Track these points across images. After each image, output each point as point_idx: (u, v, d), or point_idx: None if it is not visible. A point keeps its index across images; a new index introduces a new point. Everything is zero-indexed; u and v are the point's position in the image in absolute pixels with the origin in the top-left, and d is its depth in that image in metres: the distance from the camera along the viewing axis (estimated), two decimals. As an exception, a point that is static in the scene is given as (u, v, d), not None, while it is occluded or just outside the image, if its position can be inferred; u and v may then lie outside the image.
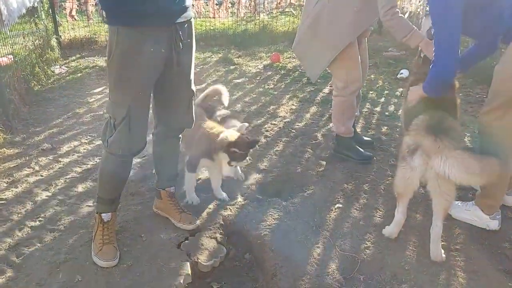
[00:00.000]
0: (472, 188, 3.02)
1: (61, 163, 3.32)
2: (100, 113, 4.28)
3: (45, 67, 5.41)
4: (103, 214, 2.35)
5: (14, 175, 3.11)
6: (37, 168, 3.24)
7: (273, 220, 2.70)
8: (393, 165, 3.33)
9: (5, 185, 2.99)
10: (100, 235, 2.32)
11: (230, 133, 2.63)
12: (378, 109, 4.52)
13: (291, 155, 3.50)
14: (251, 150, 2.68)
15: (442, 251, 2.40)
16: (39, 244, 2.43)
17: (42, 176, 3.13)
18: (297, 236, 2.57)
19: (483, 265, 2.37)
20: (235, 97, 4.81)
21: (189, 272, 2.26)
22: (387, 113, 4.40)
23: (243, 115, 4.21)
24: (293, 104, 4.63)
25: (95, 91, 4.96)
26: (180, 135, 2.56)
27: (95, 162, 3.33)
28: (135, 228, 2.58)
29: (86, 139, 3.74)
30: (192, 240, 2.50)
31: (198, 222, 2.61)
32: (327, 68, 3.28)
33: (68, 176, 3.13)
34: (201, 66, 5.85)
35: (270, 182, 3.16)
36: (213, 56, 6.38)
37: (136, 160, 3.37)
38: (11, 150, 3.48)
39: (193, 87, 2.38)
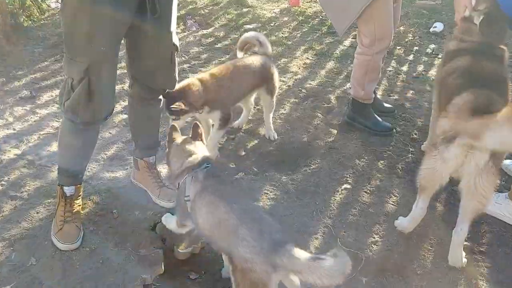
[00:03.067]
0: (506, 175, 2.57)
1: (38, 115, 2.96)
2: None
3: (40, 0, 4.91)
4: (65, 187, 2.01)
5: (-17, 127, 2.78)
6: (10, 119, 2.89)
7: (267, 200, 2.33)
8: (416, 139, 2.88)
9: (-29, 138, 2.67)
10: (62, 211, 1.99)
11: None
12: (404, 68, 3.97)
13: (298, 120, 3.07)
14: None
15: (463, 254, 2.02)
16: (-4, 214, 2.13)
17: (14, 130, 2.78)
18: (294, 222, 2.20)
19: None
20: (243, 45, 4.29)
21: (161, 261, 1.94)
22: (414, 74, 3.85)
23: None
24: (307, 58, 4.10)
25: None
26: (161, 97, 2.15)
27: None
28: (107, 201, 2.24)
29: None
30: (170, 221, 2.15)
31: (179, 199, 2.25)
32: None
33: (43, 132, 2.77)
34: (210, 7, 5.27)
35: (270, 151, 2.75)
36: (225, -4, 5.75)
37: (122, 116, 2.99)
38: (-14, 97, 3.13)
39: (175, 40, 1.93)
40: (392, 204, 2.36)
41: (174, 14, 1.87)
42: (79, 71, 1.69)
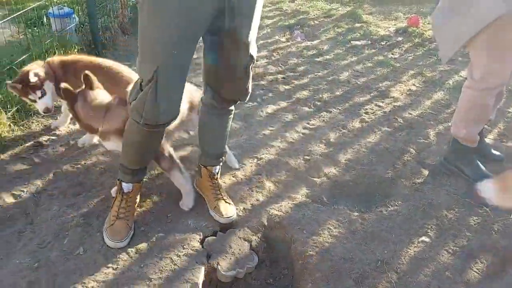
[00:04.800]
0: None
1: (129, 106, 3.08)
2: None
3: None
4: (123, 183, 2.01)
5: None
6: (104, 106, 3.04)
7: (329, 236, 2.10)
8: (523, 198, 2.41)
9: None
10: (117, 207, 2.00)
11: None
12: (530, 111, 3.40)
13: (386, 152, 2.76)
14: None
15: None
16: (62, 196, 2.21)
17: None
18: (353, 269, 1.95)
19: None
20: (345, 62, 4.06)
21: (200, 280, 1.83)
22: (542, 120, 3.28)
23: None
24: (414, 84, 3.73)
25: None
26: (233, 108, 2.05)
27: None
28: (165, 204, 2.21)
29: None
30: (220, 237, 2.05)
31: (235, 216, 2.14)
32: (465, 48, 2.37)
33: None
34: (322, 19, 5.12)
35: (346, 181, 2.51)
36: (340, 8, 5.55)
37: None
38: (90, 82, 3.33)
39: (253, 51, 1.81)
40: (476, 272, 1.98)
41: (256, 23, 1.75)
42: (148, 72, 1.65)
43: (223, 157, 2.22)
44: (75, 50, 3.33)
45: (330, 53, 4.23)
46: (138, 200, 2.08)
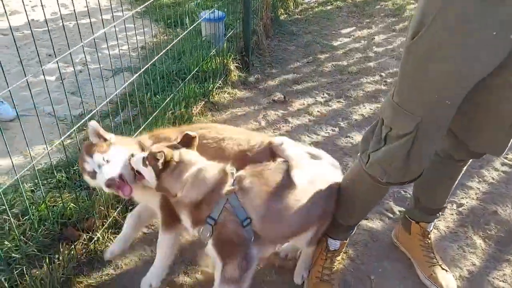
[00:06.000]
0: None
1: (290, 124, 2.78)
2: (342, 64, 3.55)
3: (297, -6, 4.89)
4: (330, 240, 1.70)
5: (240, 127, 2.71)
6: (263, 123, 2.78)
7: None
8: None
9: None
10: (320, 266, 1.69)
11: None
12: None
13: None
14: None
15: None
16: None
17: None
18: None
19: None
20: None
21: None
22: None
23: None
24: None
25: (342, 31, 4.21)
26: (470, 161, 1.64)
27: (325, 135, 2.67)
28: (363, 261, 1.87)
29: (322, 97, 3.09)
30: (443, 317, 1.67)
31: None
32: None
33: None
34: None
35: None
36: None
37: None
38: (242, 93, 3.10)
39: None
40: None
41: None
42: (407, 124, 1.29)
43: (441, 213, 1.82)
44: (230, 59, 3.09)
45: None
46: (340, 257, 1.77)
